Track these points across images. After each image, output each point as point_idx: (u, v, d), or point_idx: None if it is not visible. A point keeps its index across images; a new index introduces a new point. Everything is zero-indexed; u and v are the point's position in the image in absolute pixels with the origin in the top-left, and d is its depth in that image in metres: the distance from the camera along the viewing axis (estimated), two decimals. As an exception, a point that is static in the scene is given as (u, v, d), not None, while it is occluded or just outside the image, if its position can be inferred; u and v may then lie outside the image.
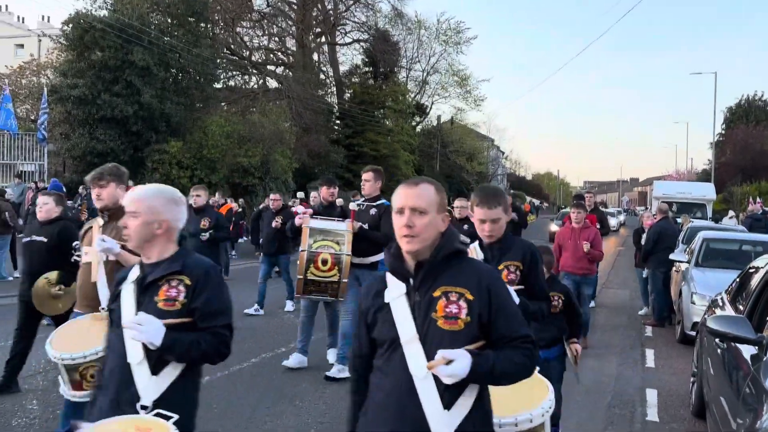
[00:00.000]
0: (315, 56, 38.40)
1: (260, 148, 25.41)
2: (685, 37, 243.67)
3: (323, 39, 39.08)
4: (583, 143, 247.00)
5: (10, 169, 22.46)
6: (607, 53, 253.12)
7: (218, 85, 29.90)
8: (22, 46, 44.85)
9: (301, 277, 6.02)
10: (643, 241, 10.60)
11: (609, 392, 6.45)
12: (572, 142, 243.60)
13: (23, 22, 49.62)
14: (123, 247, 3.55)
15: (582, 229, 8.24)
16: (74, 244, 4.67)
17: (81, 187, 17.94)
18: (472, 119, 58.30)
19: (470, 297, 2.03)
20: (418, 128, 45.39)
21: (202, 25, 27.00)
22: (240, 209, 20.11)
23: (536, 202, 68.70)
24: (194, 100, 25.79)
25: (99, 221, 3.99)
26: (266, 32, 36.72)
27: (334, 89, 39.26)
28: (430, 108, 45.98)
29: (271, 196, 10.92)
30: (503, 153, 68.77)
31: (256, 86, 35.32)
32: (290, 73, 35.19)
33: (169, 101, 23.52)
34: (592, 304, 10.40)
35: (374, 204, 6.28)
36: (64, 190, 14.29)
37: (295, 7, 36.30)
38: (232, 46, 34.19)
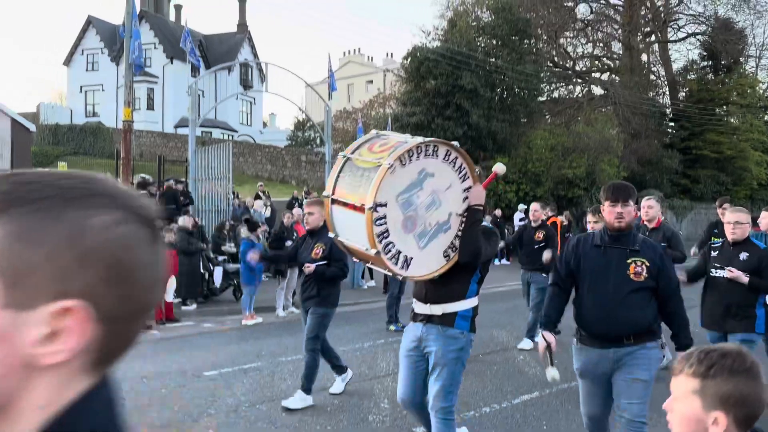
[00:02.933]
0: (644, 57, 36.19)
1: (585, 159, 24.90)
2: None
3: (653, 38, 36.62)
4: None
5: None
6: None
7: (542, 99, 30.21)
8: (371, 81, 51.51)
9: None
10: None
11: None
12: None
13: (372, 60, 56.89)
14: None
15: None
16: None
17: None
18: None
19: None
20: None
21: (526, 42, 27.63)
22: (566, 222, 19.98)
23: None
24: (519, 116, 26.49)
25: None
26: (590, 39, 35.86)
27: (667, 90, 36.42)
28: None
29: (532, 205, 9.01)
30: None
31: (580, 95, 34.71)
32: (617, 78, 33.77)
33: (495, 119, 24.57)
34: None
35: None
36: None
37: (621, 9, 34.77)
38: (555, 58, 34.20)
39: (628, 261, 3.79)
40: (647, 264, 3.77)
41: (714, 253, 5.42)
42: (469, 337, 4.02)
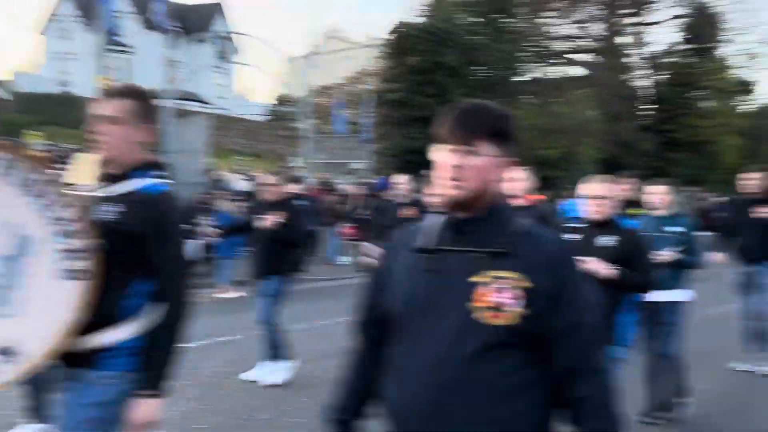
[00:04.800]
0: (624, 39, 36.27)
1: (564, 140, 25.00)
2: None
3: (633, 19, 36.68)
4: None
5: (342, 167, 25.83)
6: None
7: (522, 78, 30.19)
8: (353, 58, 50.99)
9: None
10: None
11: None
12: None
13: (354, 37, 56.30)
14: None
15: None
16: None
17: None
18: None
19: None
20: (744, 108, 39.82)
21: (506, 20, 27.51)
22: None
23: None
24: (499, 95, 26.45)
25: None
26: (571, 20, 35.81)
27: (645, 72, 36.60)
28: (757, 84, 39.98)
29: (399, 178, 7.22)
30: None
31: (560, 76, 34.75)
32: (596, 60, 33.85)
33: (476, 98, 24.40)
34: None
35: None
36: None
37: (603, -10, 34.75)
38: (536, 38, 34.13)
39: (475, 279, 1.63)
40: (523, 283, 1.58)
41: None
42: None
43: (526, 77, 31.87)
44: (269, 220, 5.70)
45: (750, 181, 6.36)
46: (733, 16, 36.54)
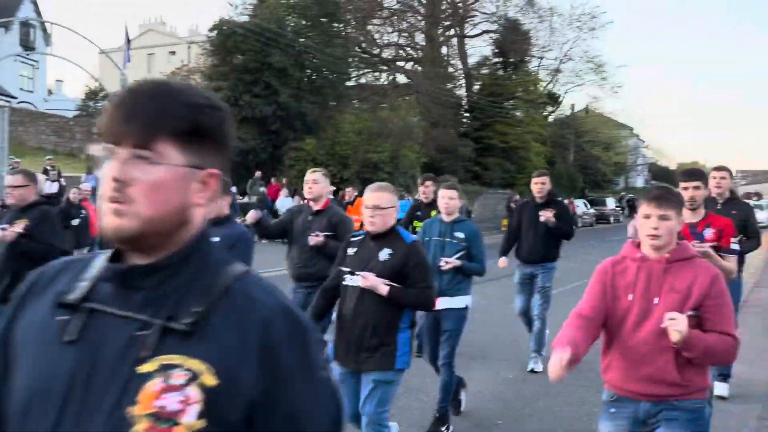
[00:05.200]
0: (444, 50, 38.41)
1: (389, 144, 25.86)
2: None
3: (452, 32, 38.99)
4: (734, 129, 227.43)
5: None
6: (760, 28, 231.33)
7: (350, 83, 30.77)
8: (174, 53, 48.71)
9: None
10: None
11: (760, 402, 5.96)
12: (722, 128, 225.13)
13: (175, 31, 53.81)
14: None
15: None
16: None
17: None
18: (609, 107, 55.80)
19: None
20: (551, 118, 44.09)
21: (335, 25, 27.88)
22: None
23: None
24: (327, 98, 26.71)
25: None
26: (396, 29, 37.24)
27: (463, 82, 39.07)
28: (563, 97, 44.55)
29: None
30: (643, 142, 65.02)
31: (386, 83, 35.95)
32: (419, 68, 35.48)
33: (305, 100, 24.54)
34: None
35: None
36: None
37: (425, 2, 36.52)
38: (363, 44, 35.01)
39: (143, 368, 0.97)
40: (206, 379, 0.96)
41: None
42: None
43: (354, 82, 32.54)
44: (7, 231, 4.60)
45: (535, 185, 6.55)
46: (538, 34, 40.37)
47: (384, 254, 3.45)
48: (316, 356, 1.04)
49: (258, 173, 21.49)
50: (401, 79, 36.03)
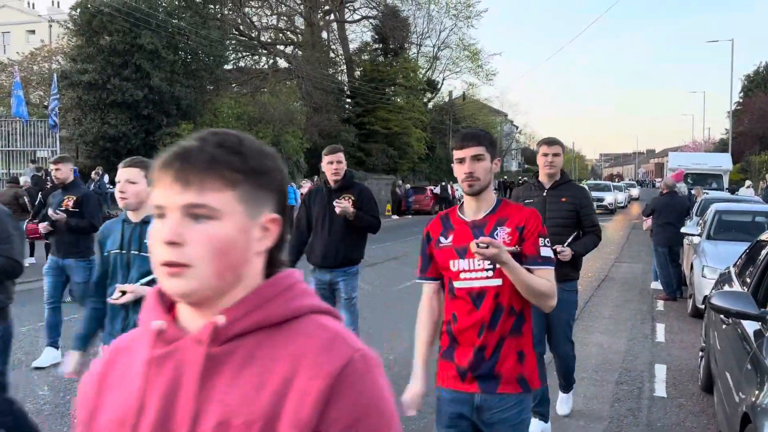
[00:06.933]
0: (324, 35, 38.17)
1: (271, 129, 25.43)
2: (701, 4, 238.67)
3: (332, 17, 38.80)
4: (597, 115, 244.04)
5: (25, 156, 22.68)
6: (622, 22, 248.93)
7: (228, 67, 29.87)
8: (33, 32, 44.99)
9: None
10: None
11: (617, 368, 6.45)
12: (587, 114, 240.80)
13: (33, 7, 49.71)
14: None
15: None
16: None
17: (93, 172, 18.10)
18: (485, 94, 58.04)
19: None
20: (430, 105, 45.13)
21: (210, 6, 26.92)
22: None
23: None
24: (204, 82, 25.80)
25: None
26: (275, 11, 36.52)
27: (344, 68, 39.06)
28: (442, 84, 45.74)
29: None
30: (517, 127, 68.22)
31: (266, 66, 35.24)
32: (299, 53, 35.05)
33: (179, 84, 23.54)
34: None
35: None
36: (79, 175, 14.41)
37: (303, -15, 36.06)
38: (241, 27, 34.07)
39: None
40: None
41: None
42: None
43: (232, 66, 31.63)
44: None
45: (329, 165, 5.01)
46: (417, 21, 41.08)
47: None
48: None
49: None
50: (282, 63, 35.44)
